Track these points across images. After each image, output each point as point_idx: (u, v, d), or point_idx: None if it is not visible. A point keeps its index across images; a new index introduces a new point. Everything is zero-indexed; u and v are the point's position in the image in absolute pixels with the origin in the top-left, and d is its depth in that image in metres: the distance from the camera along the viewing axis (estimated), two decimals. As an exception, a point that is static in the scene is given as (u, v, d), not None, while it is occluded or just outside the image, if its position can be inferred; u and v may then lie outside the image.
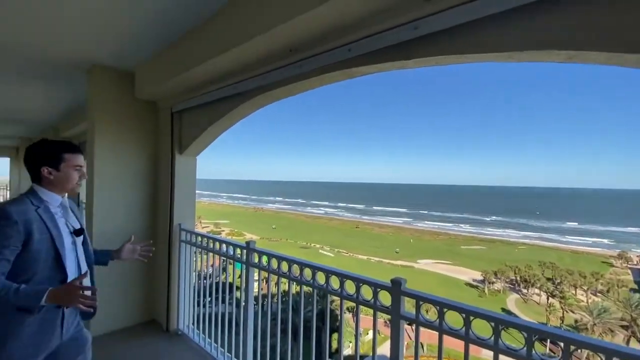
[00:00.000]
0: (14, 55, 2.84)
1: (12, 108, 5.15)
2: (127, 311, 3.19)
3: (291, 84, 1.98)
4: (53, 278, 1.32)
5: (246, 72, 2.15)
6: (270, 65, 1.99)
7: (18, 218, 1.24)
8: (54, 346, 1.37)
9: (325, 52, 1.72)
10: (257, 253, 2.31)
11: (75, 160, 1.43)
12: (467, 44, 1.32)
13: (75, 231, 1.45)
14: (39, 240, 1.28)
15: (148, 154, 3.32)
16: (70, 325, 1.43)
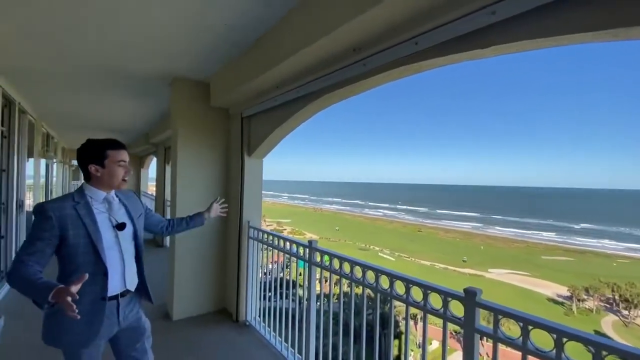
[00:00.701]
0: (114, 75, 3.35)
1: (113, 119, 6.09)
2: (203, 300, 3.51)
3: (355, 82, 1.96)
4: (95, 271, 1.37)
5: (310, 75, 2.19)
6: (334, 66, 1.99)
7: (52, 213, 1.31)
8: (113, 332, 1.48)
9: (391, 48, 1.66)
10: (319, 252, 2.34)
11: (118, 155, 1.47)
12: (553, 25, 1.16)
13: (117, 225, 1.47)
14: (74, 234, 1.34)
15: (221, 157, 3.62)
16: (128, 314, 1.52)
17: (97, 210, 1.44)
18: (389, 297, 1.78)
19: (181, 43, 2.52)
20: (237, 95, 3.00)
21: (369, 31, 1.61)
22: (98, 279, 1.38)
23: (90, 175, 1.46)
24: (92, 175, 1.46)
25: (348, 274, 2.04)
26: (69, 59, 2.96)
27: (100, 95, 4.31)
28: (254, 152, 3.32)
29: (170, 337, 2.98)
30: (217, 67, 3.05)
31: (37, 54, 2.87)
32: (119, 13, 2.08)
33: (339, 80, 2.06)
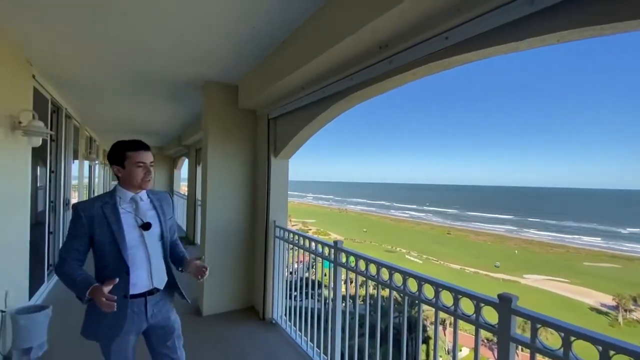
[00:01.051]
0: (149, 80, 3.53)
1: (148, 122, 6.43)
2: (231, 297, 3.61)
3: (382, 81, 1.93)
4: (119, 269, 1.43)
5: (335, 74, 2.19)
6: (359, 65, 1.98)
7: (83, 213, 1.41)
8: (142, 328, 1.54)
9: (418, 45, 1.62)
10: (344, 253, 2.33)
11: (137, 157, 1.49)
12: (601, 12, 1.07)
13: (142, 225, 1.50)
14: (100, 233, 1.42)
15: (248, 158, 3.71)
16: (157, 312, 1.56)
17: (123, 210, 1.48)
18: (417, 300, 1.73)
19: (211, 48, 2.61)
20: (264, 97, 3.05)
21: (396, 27, 1.58)
22: (121, 276, 1.43)
23: (116, 176, 1.53)
24: (117, 176, 1.53)
25: (374, 275, 2.01)
26: (109, 67, 3.16)
27: (136, 100, 4.56)
28: (280, 153, 3.36)
29: (200, 332, 3.09)
30: (245, 70, 3.13)
31: (80, 64, 3.09)
32: (153, 22, 2.19)
33: (365, 79, 2.03)
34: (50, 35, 2.47)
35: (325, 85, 2.38)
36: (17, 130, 2.62)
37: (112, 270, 1.43)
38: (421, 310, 1.76)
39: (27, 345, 2.52)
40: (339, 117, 2.78)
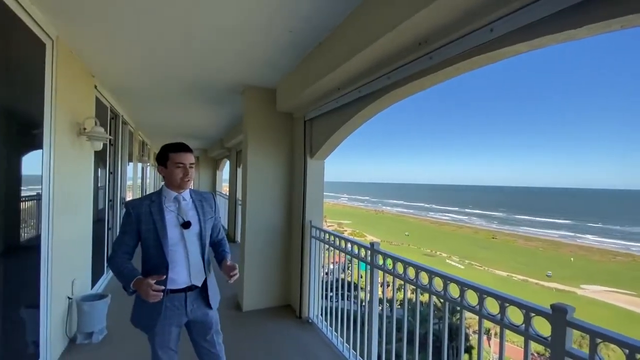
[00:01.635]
0: (195, 87, 3.74)
1: (193, 127, 6.82)
2: (269, 294, 3.71)
3: (421, 78, 1.86)
4: (160, 264, 1.52)
5: (371, 74, 2.16)
6: (397, 63, 1.93)
7: (132, 210, 1.53)
8: (182, 322, 1.63)
9: (461, 38, 1.54)
10: (381, 255, 2.29)
11: (176, 158, 1.57)
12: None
13: (182, 224, 1.58)
14: (145, 230, 1.52)
15: (286, 159, 3.79)
16: (195, 308, 1.63)
17: (167, 209, 1.58)
18: (460, 307, 1.65)
19: (251, 54, 2.71)
20: (300, 100, 3.10)
21: (436, 22, 1.52)
22: (161, 271, 1.53)
23: (163, 177, 1.64)
24: (162, 176, 1.64)
25: (412, 279, 1.95)
26: (160, 77, 3.41)
27: (183, 106, 4.87)
28: (316, 154, 3.39)
29: (240, 327, 3.21)
30: (282, 74, 3.21)
31: (135, 75, 3.38)
32: (198, 30, 2.32)
33: (403, 77, 1.98)
34: (109, 51, 2.73)
35: (361, 85, 2.36)
36: (82, 135, 2.92)
37: (154, 265, 1.54)
38: (463, 317, 1.67)
39: (89, 330, 2.80)
40: (375, 117, 2.74)
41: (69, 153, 2.71)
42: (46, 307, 2.33)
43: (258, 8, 1.99)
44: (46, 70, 2.27)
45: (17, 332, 2.14)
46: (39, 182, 2.26)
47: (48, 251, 2.33)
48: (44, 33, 2.18)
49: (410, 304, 2.21)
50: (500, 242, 47.73)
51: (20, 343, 2.17)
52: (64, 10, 2.08)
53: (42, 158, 2.27)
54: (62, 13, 2.11)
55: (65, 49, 2.54)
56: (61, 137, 2.50)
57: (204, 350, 1.73)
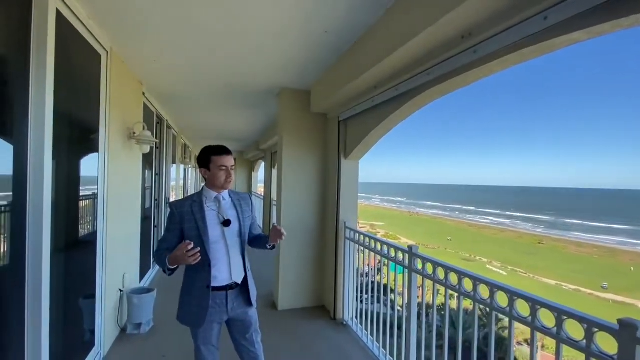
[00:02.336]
0: (232, 91, 3.87)
1: (231, 129, 7.07)
2: (304, 295, 3.73)
3: (463, 73, 1.77)
4: (203, 262, 1.55)
5: (410, 70, 2.09)
6: (438, 58, 1.85)
7: (176, 210, 1.61)
8: (223, 319, 1.69)
9: (509, 29, 1.44)
10: (420, 259, 2.20)
11: (219, 161, 1.64)
12: None
13: (223, 222, 1.64)
14: (188, 228, 1.59)
15: (319, 160, 3.80)
16: (236, 306, 1.69)
17: (208, 209, 1.64)
18: (509, 317, 1.53)
19: (287, 57, 2.75)
20: (335, 100, 3.09)
21: (483, 12, 1.42)
22: (205, 269, 1.59)
23: (203, 177, 1.71)
24: (204, 177, 1.70)
25: (455, 285, 1.85)
26: (201, 83, 3.59)
27: (222, 110, 5.07)
28: (350, 154, 3.36)
29: (276, 326, 3.26)
30: (317, 75, 3.22)
31: (177, 81, 3.58)
32: (237, 37, 2.40)
33: (443, 73, 1.90)
34: (155, 60, 2.91)
35: (399, 83, 2.29)
36: (132, 139, 3.13)
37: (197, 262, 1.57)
38: (512, 329, 1.55)
39: (138, 321, 2.99)
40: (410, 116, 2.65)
41: (120, 156, 2.92)
42: (101, 298, 2.53)
43: (295, 9, 2.01)
44: (101, 79, 2.46)
45: (77, 320, 2.34)
46: (92, 182, 2.46)
47: (103, 246, 2.52)
48: (99, 45, 2.37)
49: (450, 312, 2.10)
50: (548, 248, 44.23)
51: (80, 330, 2.37)
52: (117, 23, 2.25)
53: (97, 160, 2.47)
54: (116, 26, 2.29)
55: (118, 59, 2.75)
56: (114, 141, 2.70)
57: (243, 349, 1.78)
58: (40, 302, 1.64)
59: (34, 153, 1.62)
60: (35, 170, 1.62)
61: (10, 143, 1.57)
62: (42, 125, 1.64)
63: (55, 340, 1.83)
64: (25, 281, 1.60)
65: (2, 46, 1.52)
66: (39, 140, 1.63)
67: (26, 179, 1.59)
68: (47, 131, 1.66)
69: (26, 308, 1.60)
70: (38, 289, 1.64)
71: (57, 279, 1.87)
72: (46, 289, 1.68)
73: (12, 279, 1.58)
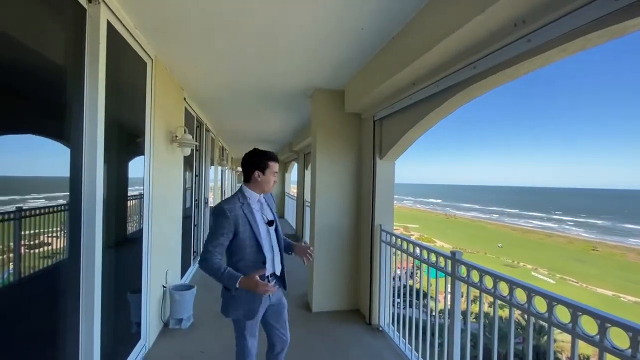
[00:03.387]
0: (266, 94, 3.93)
1: (266, 132, 7.21)
2: (338, 297, 3.68)
3: (514, 65, 1.62)
4: (257, 260, 1.68)
5: (454, 64, 1.96)
6: (485, 50, 1.71)
7: (230, 214, 1.62)
8: (266, 307, 1.79)
9: (573, 12, 1.29)
10: (464, 266, 2.06)
11: (274, 167, 1.78)
12: None
13: (268, 222, 1.78)
14: (243, 231, 1.65)
15: (354, 161, 3.74)
16: (274, 295, 1.81)
17: (255, 210, 1.74)
18: (572, 335, 1.37)
19: (321, 55, 2.72)
20: (370, 99, 3.01)
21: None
22: (259, 266, 1.69)
23: (251, 179, 1.76)
24: (253, 179, 1.76)
25: (505, 296, 1.70)
26: (237, 86, 3.68)
27: (257, 112, 5.17)
28: (386, 155, 3.26)
29: (310, 327, 3.24)
30: (351, 74, 3.16)
31: (216, 86, 3.70)
32: (272, 39, 2.41)
33: (491, 66, 1.75)
34: (195, 66, 3.03)
35: (440, 79, 2.17)
36: (174, 142, 3.28)
37: (250, 261, 1.68)
38: (576, 349, 1.38)
39: (179, 316, 3.11)
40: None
41: (164, 158, 3.07)
42: (147, 293, 2.66)
43: (331, 8, 1.97)
44: (147, 85, 2.60)
45: (125, 313, 2.48)
46: (139, 183, 2.60)
47: (148, 243, 2.66)
48: (145, 53, 2.50)
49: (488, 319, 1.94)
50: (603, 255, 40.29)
51: (127, 323, 2.51)
52: (161, 32, 2.36)
53: (143, 162, 2.61)
54: (160, 35, 2.40)
55: (162, 67, 2.89)
56: (158, 144, 2.84)
57: (276, 332, 1.88)
58: (93, 294, 1.75)
59: (87, 156, 1.73)
60: (88, 171, 1.73)
61: (67, 146, 1.69)
62: (94, 130, 1.75)
63: (106, 332, 1.94)
64: (80, 274, 1.71)
65: (60, 55, 1.64)
66: (92, 143, 1.74)
67: (81, 180, 1.70)
68: (99, 135, 1.77)
69: (80, 299, 1.72)
70: (91, 282, 1.75)
71: (108, 273, 1.99)
72: (98, 282, 1.79)
73: (69, 272, 1.69)
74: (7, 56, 1.30)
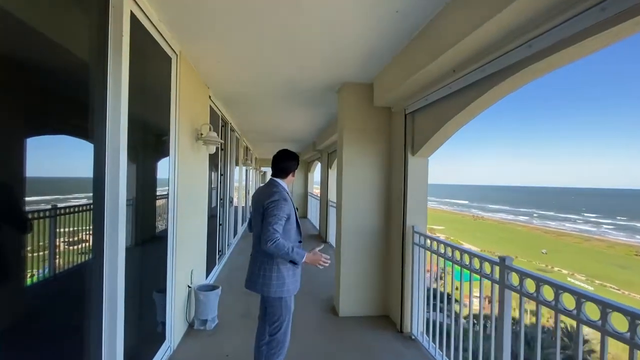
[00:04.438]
0: (292, 91, 3.81)
1: (290, 131, 7.13)
2: (366, 302, 3.49)
3: (583, 40, 1.38)
4: (296, 240, 2.06)
5: (505, 44, 1.73)
6: (545, 24, 1.48)
7: (288, 200, 1.97)
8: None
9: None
10: (517, 273, 1.82)
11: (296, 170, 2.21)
12: None
13: (296, 208, 2.12)
14: (291, 215, 1.98)
15: (383, 158, 3.54)
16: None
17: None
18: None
19: (351, 45, 2.56)
20: (402, 91, 2.81)
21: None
22: (297, 245, 2.00)
23: (287, 175, 2.14)
24: (288, 176, 2.14)
25: (571, 310, 1.46)
26: (262, 83, 3.61)
27: (282, 111, 5.08)
28: (419, 151, 3.04)
29: (337, 333, 3.08)
30: (382, 65, 2.97)
31: (241, 84, 3.64)
32: (300, 29, 2.28)
33: (553, 43, 1.51)
34: (220, 63, 2.97)
35: (487, 62, 1.93)
36: (199, 140, 3.23)
37: (293, 241, 2.02)
38: (674, 378, 1.13)
39: (204, 317, 3.05)
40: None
41: (189, 156, 3.02)
42: (172, 294, 2.61)
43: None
44: (172, 81, 2.54)
45: (150, 313, 2.43)
46: (164, 182, 2.55)
47: (173, 243, 2.60)
48: (170, 48, 2.44)
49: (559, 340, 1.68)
50: (650, 261, 37.10)
51: (153, 324, 2.46)
52: (186, 26, 2.29)
53: (168, 161, 2.55)
54: (185, 29, 2.34)
55: (187, 63, 2.84)
56: (183, 142, 2.78)
57: None
58: (116, 294, 1.68)
59: (110, 154, 1.66)
60: (111, 171, 1.66)
61: (91, 144, 1.63)
62: (117, 128, 1.67)
63: (130, 332, 1.88)
64: (103, 274, 1.65)
65: (83, 48, 1.59)
66: (115, 141, 1.67)
67: (104, 179, 1.64)
68: (122, 134, 1.69)
69: (104, 299, 1.65)
70: (114, 282, 1.68)
71: (132, 272, 1.93)
72: (121, 282, 1.72)
73: (92, 272, 1.63)
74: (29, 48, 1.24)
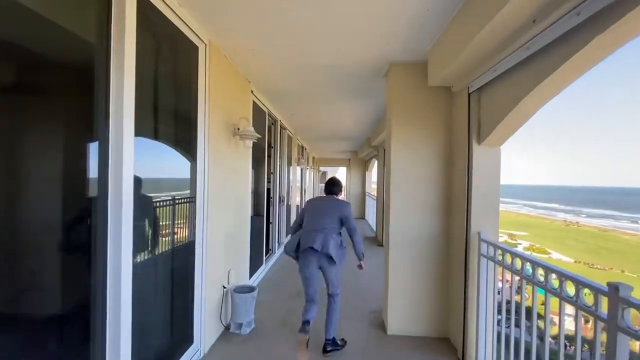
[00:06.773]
0: (337, 76, 3.45)
1: (341, 126, 6.79)
2: (420, 320, 2.96)
3: None
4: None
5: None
6: None
7: None
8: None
9: None
10: (635, 308, 1.19)
11: None
12: None
13: None
14: None
15: (441, 148, 2.96)
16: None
17: None
18: None
19: (397, 16, 2.14)
20: (464, 61, 2.25)
21: None
22: None
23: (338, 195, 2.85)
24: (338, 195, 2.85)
25: None
26: (304, 72, 3.37)
27: (328, 103, 4.76)
28: (487, 138, 2.42)
29: (385, 355, 2.64)
30: (435, 35, 2.45)
31: (281, 75, 3.46)
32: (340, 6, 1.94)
33: None
34: (257, 53, 2.82)
35: (582, 2, 1.34)
36: (237, 135, 3.10)
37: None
38: None
39: (239, 321, 2.89)
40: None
41: (224, 152, 2.90)
42: (200, 294, 2.48)
43: None
44: (199, 72, 2.42)
45: (174, 315, 2.33)
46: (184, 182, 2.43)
47: (203, 243, 2.48)
48: (196, 36, 2.31)
49: None
50: None
51: (178, 325, 2.35)
52: (212, 14, 2.15)
53: (196, 158, 2.44)
54: (211, 17, 2.20)
55: (219, 53, 2.71)
56: (215, 137, 2.65)
57: None
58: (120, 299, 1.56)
59: (114, 150, 1.54)
60: (115, 167, 1.54)
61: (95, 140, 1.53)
62: (120, 120, 1.54)
63: (145, 338, 1.76)
64: (107, 274, 1.53)
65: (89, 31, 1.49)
66: (118, 135, 1.54)
67: (107, 176, 1.52)
68: (125, 127, 1.56)
69: (108, 307, 1.53)
70: (118, 286, 1.56)
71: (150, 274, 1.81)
72: (127, 284, 1.60)
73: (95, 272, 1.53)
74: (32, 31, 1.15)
